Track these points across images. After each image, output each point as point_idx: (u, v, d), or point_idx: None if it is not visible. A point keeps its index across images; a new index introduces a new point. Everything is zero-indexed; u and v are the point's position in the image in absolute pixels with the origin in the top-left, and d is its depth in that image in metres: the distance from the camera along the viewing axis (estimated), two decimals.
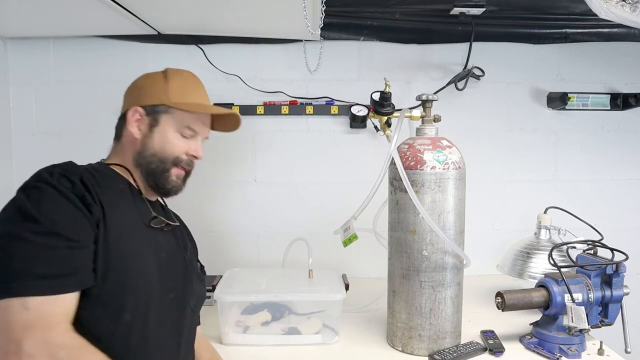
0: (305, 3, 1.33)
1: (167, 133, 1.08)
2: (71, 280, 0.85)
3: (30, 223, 0.84)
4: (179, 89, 1.11)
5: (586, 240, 1.45)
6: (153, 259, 1.00)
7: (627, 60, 2.02)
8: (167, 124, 1.08)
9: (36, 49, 1.91)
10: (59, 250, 0.84)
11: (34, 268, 0.82)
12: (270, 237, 2.00)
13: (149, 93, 1.09)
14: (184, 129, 1.10)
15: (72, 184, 0.91)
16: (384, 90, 1.52)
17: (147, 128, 1.08)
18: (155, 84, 1.10)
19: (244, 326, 1.40)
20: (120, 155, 1.09)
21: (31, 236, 0.83)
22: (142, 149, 1.07)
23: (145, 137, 1.07)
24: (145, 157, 1.07)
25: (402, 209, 1.30)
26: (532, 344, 1.31)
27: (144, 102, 1.08)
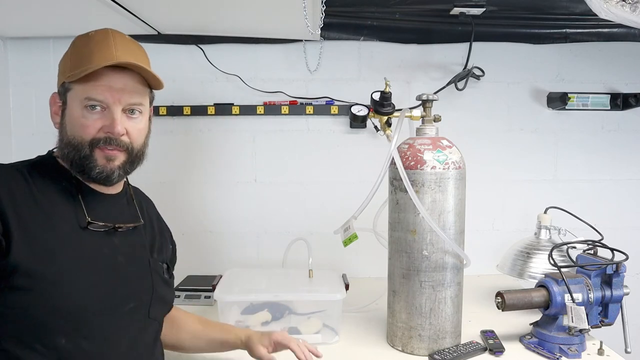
0: (305, 3, 1.33)
1: (73, 114, 0.93)
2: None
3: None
4: (77, 58, 0.93)
5: (586, 240, 1.45)
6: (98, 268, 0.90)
7: (627, 60, 2.02)
8: (73, 103, 0.93)
9: (36, 49, 1.91)
10: None
11: None
12: (270, 237, 2.00)
13: (59, 72, 0.97)
14: (85, 101, 0.91)
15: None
16: (384, 90, 1.52)
17: (60, 113, 0.96)
18: (62, 60, 0.97)
19: (244, 326, 1.40)
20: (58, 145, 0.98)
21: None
22: (61, 138, 0.95)
23: (60, 125, 0.96)
24: (64, 147, 0.94)
25: (402, 208, 1.30)
26: (532, 344, 1.31)
27: (58, 84, 0.96)
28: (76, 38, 0.96)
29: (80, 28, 0.92)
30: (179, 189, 1.98)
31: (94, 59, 0.91)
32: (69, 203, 0.91)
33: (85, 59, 0.91)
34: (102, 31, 0.96)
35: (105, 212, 0.96)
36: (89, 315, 0.86)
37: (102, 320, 0.88)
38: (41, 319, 0.82)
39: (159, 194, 1.42)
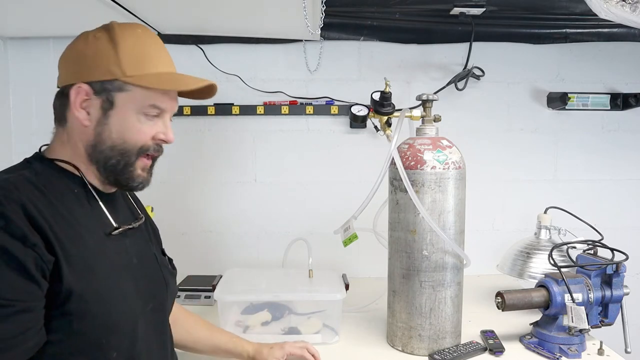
0: (305, 3, 1.33)
1: (126, 117, 0.84)
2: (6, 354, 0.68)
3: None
4: (133, 56, 0.84)
5: (586, 240, 1.45)
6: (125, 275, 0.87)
7: (627, 60, 2.02)
8: (125, 106, 0.84)
9: (36, 49, 1.91)
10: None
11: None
12: (270, 237, 2.00)
13: (95, 64, 0.83)
14: (147, 108, 0.85)
15: (7, 220, 0.70)
16: (384, 90, 1.52)
17: (100, 112, 0.84)
18: (102, 51, 0.83)
19: (244, 326, 1.40)
20: (68, 146, 0.87)
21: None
22: (97, 141, 0.84)
23: (98, 125, 0.84)
24: (102, 151, 0.84)
25: (402, 208, 1.30)
26: (532, 344, 1.31)
27: (90, 77, 0.83)
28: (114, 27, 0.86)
29: (80, 28, 0.91)
30: (179, 189, 1.98)
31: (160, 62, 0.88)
32: (87, 210, 0.85)
33: (149, 60, 0.86)
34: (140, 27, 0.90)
35: (115, 213, 0.91)
36: (129, 324, 0.85)
37: (137, 325, 0.87)
38: (94, 339, 0.79)
39: (159, 194, 1.43)
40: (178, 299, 1.62)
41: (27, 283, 0.70)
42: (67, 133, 0.87)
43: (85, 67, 0.84)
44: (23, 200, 0.73)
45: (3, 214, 0.70)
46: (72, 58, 0.86)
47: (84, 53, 0.84)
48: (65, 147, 0.87)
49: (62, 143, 0.88)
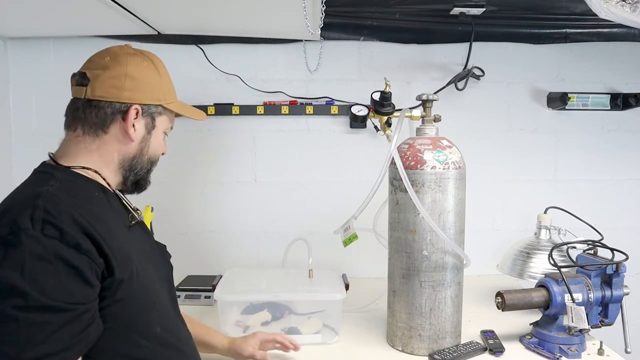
0: (305, 3, 1.33)
1: (159, 136, 1.03)
2: (74, 350, 0.77)
3: (17, 297, 0.71)
4: (168, 86, 1.03)
5: (586, 240, 1.45)
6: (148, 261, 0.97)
7: (627, 60, 2.02)
8: (160, 126, 1.02)
9: (36, 49, 1.91)
10: (54, 324, 0.73)
11: (30, 351, 0.71)
12: (270, 237, 2.00)
13: (146, 88, 0.98)
14: (168, 129, 1.06)
15: (60, 231, 0.77)
16: (384, 90, 1.52)
17: (144, 130, 0.99)
18: (152, 79, 0.99)
19: (244, 326, 1.40)
20: (96, 154, 0.95)
21: (20, 313, 0.71)
22: (139, 154, 0.99)
23: (142, 141, 0.99)
24: (141, 162, 1.00)
25: (402, 208, 1.30)
26: (532, 344, 1.31)
27: (143, 100, 0.97)
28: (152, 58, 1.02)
29: (80, 28, 0.92)
30: (179, 189, 1.98)
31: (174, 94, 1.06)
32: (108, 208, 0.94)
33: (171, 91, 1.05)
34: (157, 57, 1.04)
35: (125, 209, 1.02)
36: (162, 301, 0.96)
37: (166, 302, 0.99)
38: (141, 318, 0.89)
39: (159, 194, 1.43)
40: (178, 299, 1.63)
41: (85, 287, 0.78)
42: (102, 142, 0.95)
43: (140, 91, 0.96)
44: (69, 210, 0.81)
45: (56, 226, 0.77)
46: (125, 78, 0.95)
47: (138, 77, 0.97)
48: (92, 154, 0.95)
49: (89, 151, 0.95)
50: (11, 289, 0.72)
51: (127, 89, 0.95)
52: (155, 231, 1.19)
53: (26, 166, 0.98)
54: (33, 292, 0.72)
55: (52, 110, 1.91)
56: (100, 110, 0.94)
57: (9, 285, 0.72)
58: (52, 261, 0.75)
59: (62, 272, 0.76)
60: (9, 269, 0.73)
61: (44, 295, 0.73)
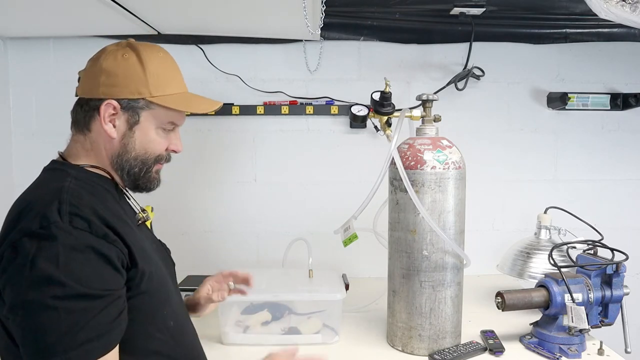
0: (305, 3, 1.33)
1: (149, 131, 0.95)
2: (113, 335, 0.79)
3: (54, 286, 0.74)
4: (158, 78, 0.94)
5: (586, 240, 1.45)
6: (157, 257, 0.99)
7: (627, 60, 2.02)
8: (148, 121, 0.95)
9: (36, 49, 1.91)
10: (92, 311, 0.76)
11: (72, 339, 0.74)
12: (270, 237, 2.00)
13: (125, 83, 0.92)
14: (166, 124, 0.97)
15: (88, 222, 0.80)
16: (384, 90, 1.52)
17: (126, 126, 0.93)
18: (131, 72, 0.92)
19: (244, 326, 1.40)
20: (92, 153, 0.95)
21: (59, 303, 0.74)
22: (122, 151, 0.94)
23: (124, 137, 0.93)
24: (127, 160, 0.95)
25: (402, 208, 1.30)
26: (532, 344, 1.31)
27: (120, 95, 0.91)
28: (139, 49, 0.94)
29: (80, 28, 0.92)
30: (179, 189, 1.98)
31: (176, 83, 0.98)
32: (120, 206, 0.96)
33: (169, 82, 0.96)
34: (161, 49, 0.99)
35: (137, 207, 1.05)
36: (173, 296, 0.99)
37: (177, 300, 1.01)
38: (158, 312, 0.91)
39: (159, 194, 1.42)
40: None
41: (116, 274, 0.81)
42: (91, 141, 0.94)
43: (116, 85, 0.92)
44: (91, 204, 0.83)
45: (84, 217, 0.80)
46: (102, 73, 0.92)
47: (114, 71, 0.92)
48: (89, 153, 0.95)
49: (86, 150, 0.95)
50: (49, 279, 0.74)
51: (102, 84, 0.92)
52: (156, 231, 1.19)
53: (26, 166, 0.98)
54: (70, 282, 0.75)
55: (52, 110, 1.93)
56: (82, 107, 0.94)
57: (46, 276, 0.74)
58: (84, 251, 0.78)
59: (94, 260, 0.78)
60: (45, 260, 0.74)
61: (81, 284, 0.75)
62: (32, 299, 0.74)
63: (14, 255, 0.76)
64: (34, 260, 0.74)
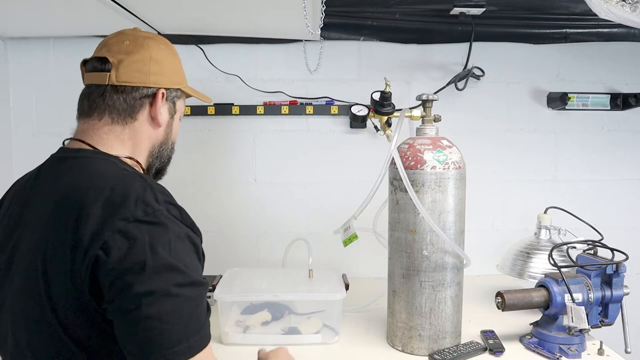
0: (305, 3, 1.33)
1: (177, 120, 1.01)
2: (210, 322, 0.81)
3: (175, 275, 0.74)
4: (183, 70, 1.02)
5: (586, 240, 1.45)
6: None
7: (627, 60, 2.02)
8: (180, 111, 1.01)
9: (36, 49, 1.91)
10: (201, 297, 0.78)
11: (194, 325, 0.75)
12: (270, 237, 2.00)
13: (169, 72, 0.96)
14: (183, 113, 1.04)
15: (180, 212, 0.81)
16: (384, 90, 1.52)
17: (168, 115, 0.97)
18: (173, 62, 0.98)
19: (244, 326, 1.40)
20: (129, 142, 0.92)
21: (180, 290, 0.74)
22: (165, 139, 0.98)
23: (167, 127, 0.97)
24: (167, 148, 0.99)
25: (402, 208, 1.30)
26: (532, 344, 1.31)
27: (167, 84, 0.95)
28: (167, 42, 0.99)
29: (80, 28, 0.92)
30: (179, 189, 1.95)
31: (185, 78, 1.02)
32: None
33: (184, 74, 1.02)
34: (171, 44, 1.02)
35: None
36: None
37: None
38: None
39: None
40: None
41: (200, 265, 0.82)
42: (132, 130, 0.92)
43: (164, 75, 0.94)
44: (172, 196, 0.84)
45: (176, 206, 0.80)
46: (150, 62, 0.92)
47: (162, 60, 0.94)
48: (125, 143, 0.91)
49: (122, 140, 0.91)
50: (169, 268, 0.73)
51: (152, 72, 0.92)
52: None
53: (26, 166, 0.98)
54: (185, 269, 0.75)
55: (52, 110, 1.93)
56: (127, 95, 0.90)
57: (167, 264, 0.73)
58: (184, 239, 0.78)
59: (190, 249, 0.79)
60: (162, 248, 0.73)
61: (192, 271, 0.76)
62: (155, 288, 0.72)
63: (129, 244, 0.72)
64: (154, 248, 0.72)
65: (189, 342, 0.73)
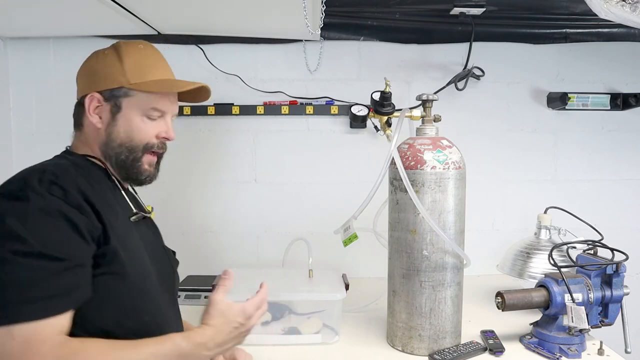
0: (305, 3, 1.33)
1: (131, 118, 0.99)
2: (63, 301, 0.80)
3: (17, 242, 0.77)
4: (136, 67, 1.00)
5: (586, 240, 1.45)
6: (150, 259, 0.99)
7: (627, 60, 2.02)
8: (130, 109, 0.99)
9: (36, 49, 1.91)
10: (47, 271, 0.79)
11: (21, 293, 0.76)
12: (270, 237, 2.00)
13: (104, 75, 0.99)
14: (149, 111, 1.00)
15: (65, 192, 0.84)
16: (384, 90, 1.52)
17: (109, 115, 0.99)
18: (109, 65, 0.99)
19: None
20: (87, 146, 1.01)
21: (18, 258, 0.77)
22: (108, 139, 0.99)
23: (108, 126, 0.99)
24: (113, 148, 0.99)
25: (402, 208, 1.30)
26: (532, 344, 1.31)
27: (100, 87, 0.98)
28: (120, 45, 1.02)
29: (80, 28, 0.93)
30: (179, 189, 1.98)
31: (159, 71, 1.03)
32: (114, 196, 0.99)
33: (149, 70, 1.01)
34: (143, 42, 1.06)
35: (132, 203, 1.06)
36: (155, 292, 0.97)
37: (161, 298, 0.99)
38: (132, 302, 0.91)
39: (159, 194, 1.42)
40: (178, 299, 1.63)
41: (81, 242, 0.83)
42: (84, 135, 1.01)
43: (97, 79, 0.99)
44: (75, 180, 0.88)
45: (62, 187, 0.84)
46: (86, 72, 1.02)
47: (95, 68, 1.01)
48: (85, 147, 1.01)
49: (82, 143, 1.02)
50: (10, 234, 0.78)
51: (83, 83, 1.02)
52: None
53: (26, 166, 0.98)
54: (31, 240, 0.78)
55: (52, 110, 1.93)
56: (76, 108, 1.03)
57: (8, 231, 0.78)
58: (53, 215, 0.81)
59: (62, 226, 0.81)
60: (12, 217, 0.79)
61: (43, 244, 0.79)
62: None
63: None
64: (2, 217, 0.79)
65: (18, 307, 0.76)
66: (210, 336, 0.92)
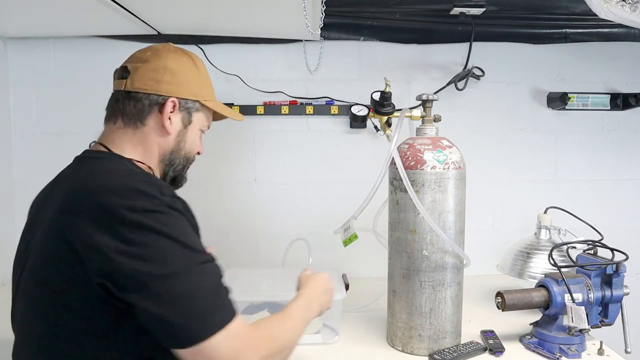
0: (305, 3, 1.33)
1: (195, 132, 1.03)
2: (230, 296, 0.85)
3: (190, 252, 0.80)
4: (207, 82, 1.05)
5: (586, 240, 1.45)
6: None
7: (627, 60, 2.02)
8: (196, 123, 1.03)
9: (36, 49, 1.91)
10: (220, 273, 0.85)
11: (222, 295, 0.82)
12: (270, 237, 2.00)
13: (185, 83, 0.99)
14: (205, 127, 1.07)
15: (182, 203, 0.86)
16: (384, 90, 1.52)
17: (181, 125, 1.00)
18: (191, 75, 1.01)
19: None
20: (141, 147, 0.97)
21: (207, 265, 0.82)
22: (176, 148, 1.00)
23: (179, 136, 1.00)
24: (179, 157, 1.02)
25: (402, 208, 1.30)
26: (532, 344, 1.31)
27: (182, 94, 0.98)
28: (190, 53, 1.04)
29: (80, 28, 0.92)
30: (179, 189, 1.97)
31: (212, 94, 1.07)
32: None
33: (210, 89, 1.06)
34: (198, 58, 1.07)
35: None
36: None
37: None
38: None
39: None
40: None
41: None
42: (142, 135, 0.97)
43: (179, 85, 0.98)
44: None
45: (179, 199, 0.85)
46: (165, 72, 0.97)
47: (177, 71, 0.99)
48: (136, 147, 0.97)
49: (133, 144, 0.96)
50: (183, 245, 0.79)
51: (165, 81, 0.97)
52: None
53: (26, 166, 0.98)
54: (199, 247, 0.82)
55: (52, 110, 1.93)
56: (138, 102, 0.96)
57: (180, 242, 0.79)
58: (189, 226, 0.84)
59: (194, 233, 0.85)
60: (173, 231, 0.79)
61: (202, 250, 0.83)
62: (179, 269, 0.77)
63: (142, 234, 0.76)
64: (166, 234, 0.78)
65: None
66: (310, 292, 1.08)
